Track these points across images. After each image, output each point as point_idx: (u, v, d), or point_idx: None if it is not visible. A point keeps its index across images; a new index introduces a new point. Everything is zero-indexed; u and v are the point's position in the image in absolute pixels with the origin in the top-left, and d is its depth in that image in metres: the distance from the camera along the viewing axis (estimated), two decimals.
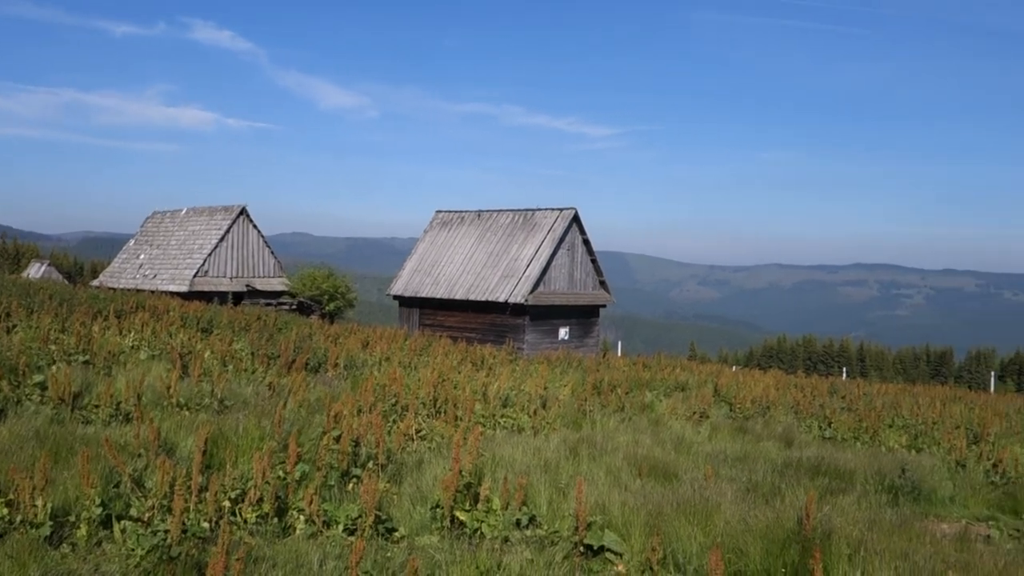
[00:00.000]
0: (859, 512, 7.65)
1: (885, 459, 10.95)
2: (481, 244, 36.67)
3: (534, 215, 36.27)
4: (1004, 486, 9.71)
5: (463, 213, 39.18)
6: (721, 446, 11.58)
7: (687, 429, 12.97)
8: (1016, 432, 15.36)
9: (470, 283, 35.20)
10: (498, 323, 33.89)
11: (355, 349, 18.72)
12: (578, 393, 14.95)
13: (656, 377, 21.46)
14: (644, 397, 16.41)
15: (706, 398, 15.75)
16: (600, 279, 37.07)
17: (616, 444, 10.44)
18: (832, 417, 14.92)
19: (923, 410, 17.68)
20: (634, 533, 6.25)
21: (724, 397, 17.92)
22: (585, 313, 36.51)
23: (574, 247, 35.72)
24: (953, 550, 6.68)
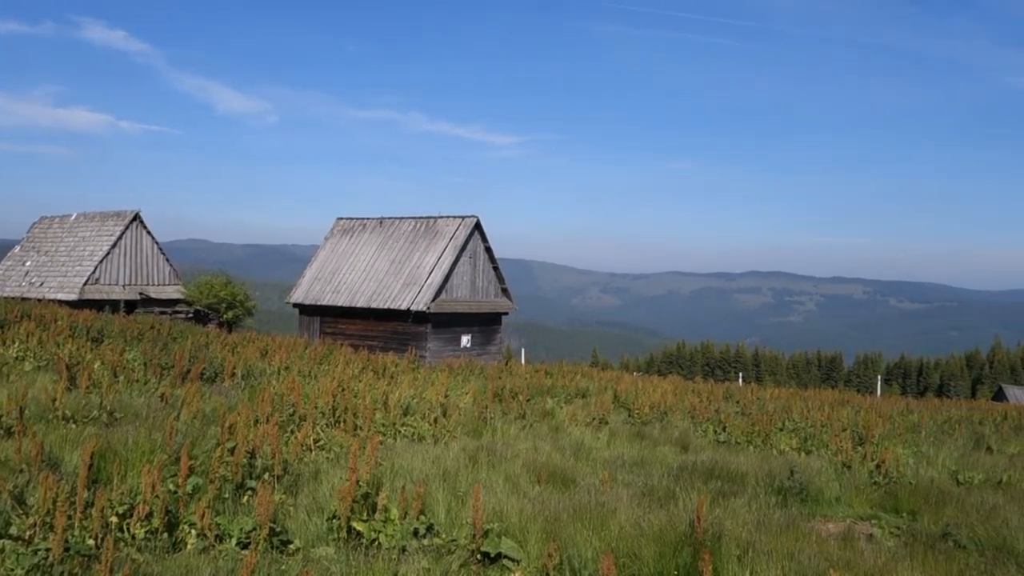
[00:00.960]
0: (749, 514, 7.89)
1: (776, 462, 11.32)
2: (383, 251, 36.40)
3: (436, 223, 36.21)
4: (886, 486, 10.14)
5: (365, 220, 38.80)
6: (619, 451, 11.78)
7: (587, 435, 13.15)
8: (899, 434, 16.08)
9: (372, 291, 34.88)
10: (400, 331, 33.67)
11: (253, 358, 18.30)
12: (479, 401, 14.97)
13: (558, 384, 21.68)
14: (545, 404, 16.56)
15: (606, 404, 16.01)
16: (502, 286, 37.25)
17: (516, 451, 10.49)
18: (727, 421, 15.36)
19: (813, 413, 18.36)
20: (531, 540, 6.29)
21: (623, 403, 18.23)
22: (487, 321, 36.61)
23: (476, 255, 35.80)
24: (837, 549, 6.95)
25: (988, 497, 9.58)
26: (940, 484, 10.33)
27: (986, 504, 8.98)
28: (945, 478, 11.15)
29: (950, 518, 8.33)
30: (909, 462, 12.03)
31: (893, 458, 11.25)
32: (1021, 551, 7.20)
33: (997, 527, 7.76)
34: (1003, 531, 7.61)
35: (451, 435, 11.65)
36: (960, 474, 11.39)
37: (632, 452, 11.76)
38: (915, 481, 10.28)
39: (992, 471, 11.74)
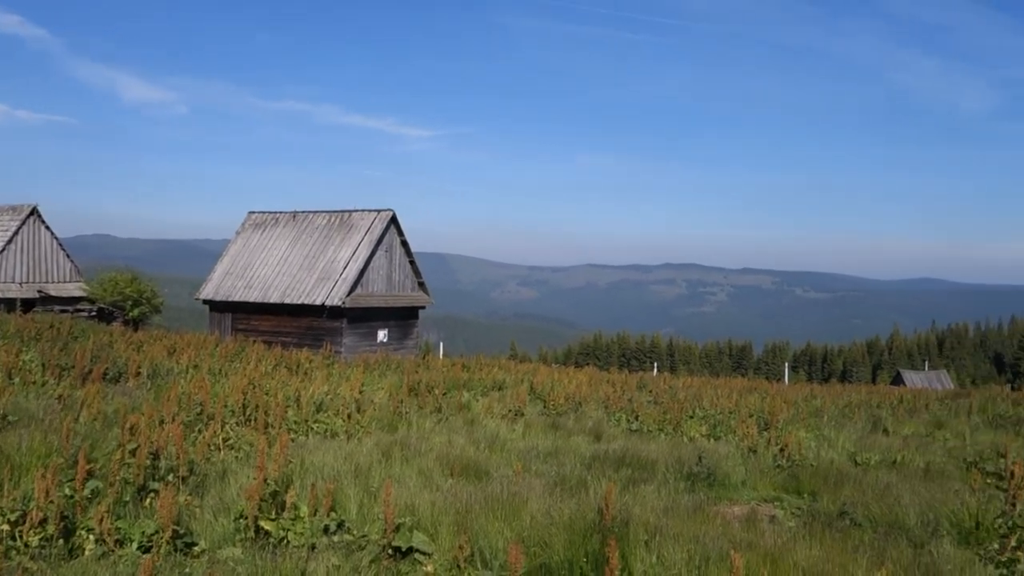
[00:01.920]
0: (658, 500, 8.07)
1: (686, 449, 11.59)
2: (296, 246, 35.82)
3: (351, 216, 35.81)
4: (789, 468, 10.49)
5: (277, 214, 38.11)
6: (534, 442, 11.87)
7: (502, 427, 13.21)
8: (803, 418, 16.61)
9: (285, 286, 34.30)
10: (315, 326, 33.21)
11: (160, 357, 17.81)
12: (395, 396, 14.90)
13: (474, 377, 21.72)
14: (462, 397, 16.57)
15: (522, 396, 16.11)
16: (419, 280, 37.10)
17: (431, 445, 10.48)
18: (639, 411, 15.64)
19: (722, 401, 18.83)
20: (443, 532, 6.31)
21: (539, 395, 18.39)
22: (404, 315, 36.42)
23: (392, 248, 35.55)
24: (741, 531, 7.17)
25: (883, 477, 10.00)
26: (839, 465, 10.74)
27: (881, 483, 9.37)
28: (844, 460, 11.58)
29: (847, 498, 8.67)
30: (811, 445, 12.45)
31: (796, 442, 11.65)
32: (911, 526, 7.55)
33: (890, 505, 8.11)
34: (895, 508, 7.96)
35: (365, 431, 11.57)
36: (858, 455, 11.86)
37: (546, 443, 11.87)
38: (816, 463, 10.67)
39: (887, 452, 12.26)
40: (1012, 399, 24.45)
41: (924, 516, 7.76)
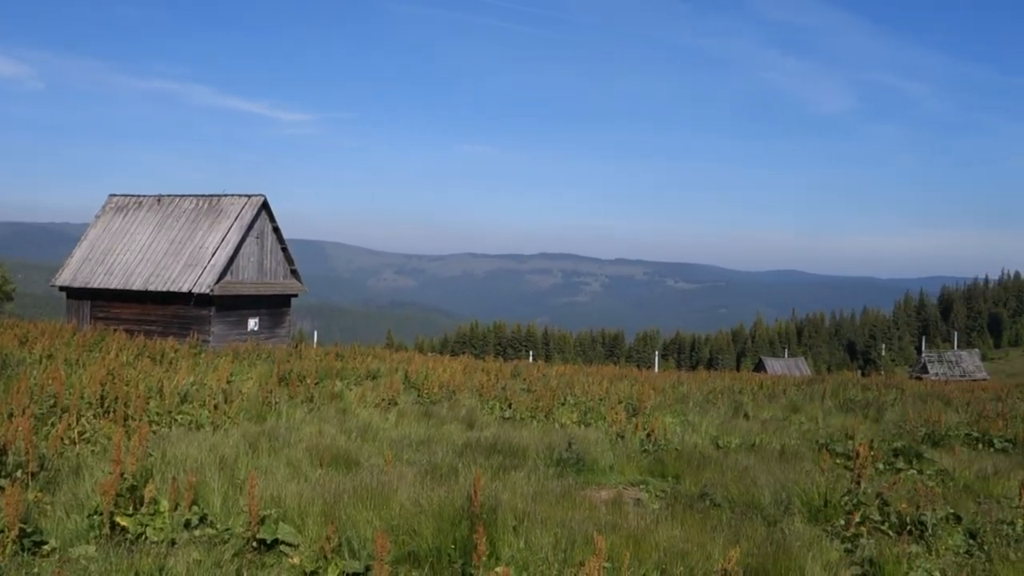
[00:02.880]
0: (528, 485, 8.18)
1: (557, 435, 11.79)
2: (162, 231, 34.39)
3: (220, 201, 34.66)
4: (655, 453, 10.83)
5: (141, 198, 36.47)
6: (407, 431, 11.84)
7: (375, 416, 13.11)
8: (669, 404, 17.20)
9: (150, 272, 32.90)
10: (181, 315, 32.02)
11: (11, 347, 16.80)
12: (264, 385, 14.55)
13: (348, 366, 21.44)
14: (334, 387, 16.34)
15: (396, 385, 16.02)
16: (292, 268, 36.30)
17: (301, 435, 10.30)
18: (512, 398, 15.81)
19: (593, 388, 19.26)
20: (310, 523, 6.22)
21: (414, 383, 18.32)
22: (276, 303, 35.57)
23: (264, 235, 34.64)
24: (607, 514, 7.36)
25: (742, 459, 10.46)
26: (702, 449, 11.17)
27: (740, 465, 9.80)
28: (707, 443, 12.04)
29: (708, 480, 9.02)
30: (677, 430, 12.89)
31: (662, 427, 12.05)
32: (766, 505, 7.93)
33: (747, 486, 8.50)
34: (752, 489, 8.35)
35: (232, 421, 11.25)
36: (720, 439, 12.36)
37: (419, 431, 11.85)
38: (681, 447, 11.05)
39: (747, 435, 12.83)
40: (861, 384, 25.99)
41: (778, 496, 8.16)
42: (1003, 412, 16.25)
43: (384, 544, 4.62)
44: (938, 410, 16.71)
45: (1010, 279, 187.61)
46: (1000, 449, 12.75)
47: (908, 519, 7.37)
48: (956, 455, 11.59)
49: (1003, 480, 9.84)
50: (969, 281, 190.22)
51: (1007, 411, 16.57)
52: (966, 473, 10.19)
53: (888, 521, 7.40)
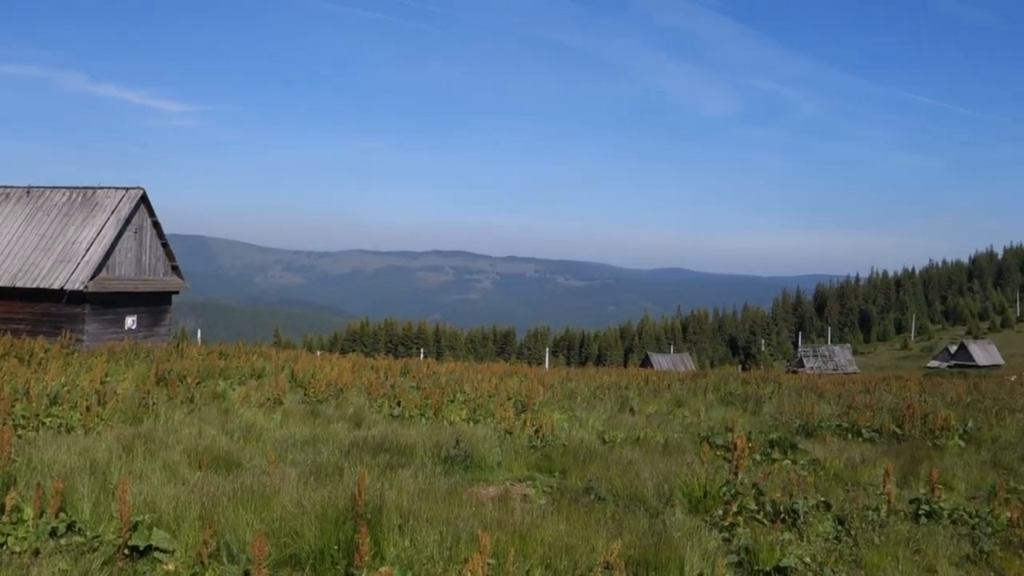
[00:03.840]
0: (415, 484, 8.12)
1: (446, 433, 11.75)
2: (31, 225, 32.63)
3: (95, 194, 33.13)
4: (543, 449, 10.93)
5: (8, 189, 34.50)
6: (292, 431, 11.59)
7: (259, 416, 12.79)
8: (558, 400, 17.39)
9: (17, 268, 31.16)
10: (52, 313, 30.45)
11: None
12: (141, 386, 14.00)
13: (232, 365, 20.86)
14: (217, 386, 15.85)
15: (281, 384, 15.67)
16: (173, 264, 35.05)
17: (180, 437, 9.96)
18: (401, 396, 15.68)
19: (483, 385, 19.29)
20: (186, 528, 6.00)
21: (300, 382, 17.97)
22: (156, 300, 34.28)
23: (143, 230, 33.31)
24: (494, 510, 7.36)
25: (627, 453, 10.68)
26: (589, 444, 11.33)
27: (624, 459, 9.99)
28: (594, 438, 12.24)
29: (594, 474, 9.16)
30: (564, 426, 13.05)
31: (550, 423, 12.17)
32: (649, 498, 8.11)
33: (631, 479, 8.67)
34: (636, 483, 8.52)
35: (106, 424, 10.78)
36: (606, 434, 12.57)
37: (305, 431, 11.62)
38: (568, 443, 11.19)
39: (632, 430, 13.08)
40: (741, 379, 26.92)
41: (661, 488, 8.35)
42: (870, 403, 17.11)
43: (262, 547, 4.50)
44: (812, 402, 17.45)
45: (879, 277, 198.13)
46: (868, 439, 13.40)
47: (782, 507, 7.66)
48: (827, 445, 12.12)
49: (870, 468, 10.35)
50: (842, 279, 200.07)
51: (874, 402, 17.46)
52: (836, 462, 10.66)
53: (763, 510, 7.67)
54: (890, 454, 11.66)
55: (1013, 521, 7.73)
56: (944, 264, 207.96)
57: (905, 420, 13.99)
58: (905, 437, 13.33)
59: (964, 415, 15.54)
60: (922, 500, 8.26)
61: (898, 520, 7.78)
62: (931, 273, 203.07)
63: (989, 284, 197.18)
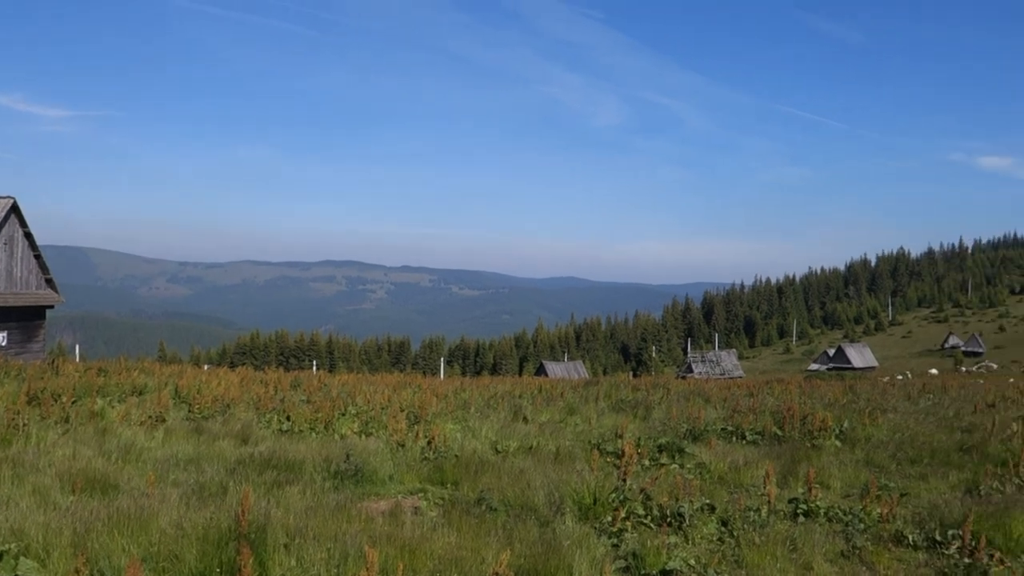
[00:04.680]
0: (303, 500, 7.96)
1: (336, 447, 11.55)
2: None
3: None
4: (435, 460, 10.87)
5: None
6: (175, 449, 11.18)
7: (139, 435, 12.27)
8: (451, 411, 17.34)
9: None
10: None
11: None
12: (11, 406, 13.25)
13: (112, 382, 19.97)
14: (94, 405, 15.15)
15: (164, 401, 15.11)
16: (47, 277, 33.37)
17: (53, 459, 9.47)
18: (291, 410, 15.34)
19: (376, 397, 19.08)
20: (56, 556, 5.71)
21: (184, 398, 17.37)
22: (28, 315, 32.56)
23: (13, 240, 31.61)
24: (384, 524, 7.28)
25: (519, 462, 10.72)
26: (481, 454, 11.33)
27: (517, 469, 10.03)
28: (487, 449, 12.24)
29: (486, 484, 9.16)
30: (457, 437, 13.02)
31: (443, 434, 12.12)
32: (540, 506, 8.16)
33: (523, 488, 8.71)
34: (528, 492, 8.56)
35: None
36: (499, 444, 12.60)
37: (188, 449, 11.22)
38: (461, 454, 11.15)
39: (525, 439, 13.16)
40: (632, 385, 27.49)
41: (552, 496, 8.41)
42: (754, 407, 17.73)
43: (137, 573, 4.31)
44: (699, 407, 17.95)
45: (762, 285, 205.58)
46: (751, 441, 13.87)
47: (668, 511, 7.84)
48: (713, 448, 12.47)
49: (752, 469, 10.71)
50: (728, 287, 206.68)
51: (757, 406, 18.09)
52: (721, 465, 10.98)
53: (651, 514, 7.84)
54: (771, 456, 12.09)
55: (883, 516, 8.13)
56: (822, 271, 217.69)
57: (786, 422, 14.54)
58: (786, 439, 13.85)
59: (840, 416, 16.26)
60: (800, 499, 8.59)
61: (778, 519, 8.07)
62: (810, 280, 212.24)
63: (864, 290, 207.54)
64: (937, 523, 7.93)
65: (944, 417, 18.15)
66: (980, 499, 9.04)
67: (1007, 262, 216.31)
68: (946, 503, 8.74)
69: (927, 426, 16.10)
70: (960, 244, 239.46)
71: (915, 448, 13.09)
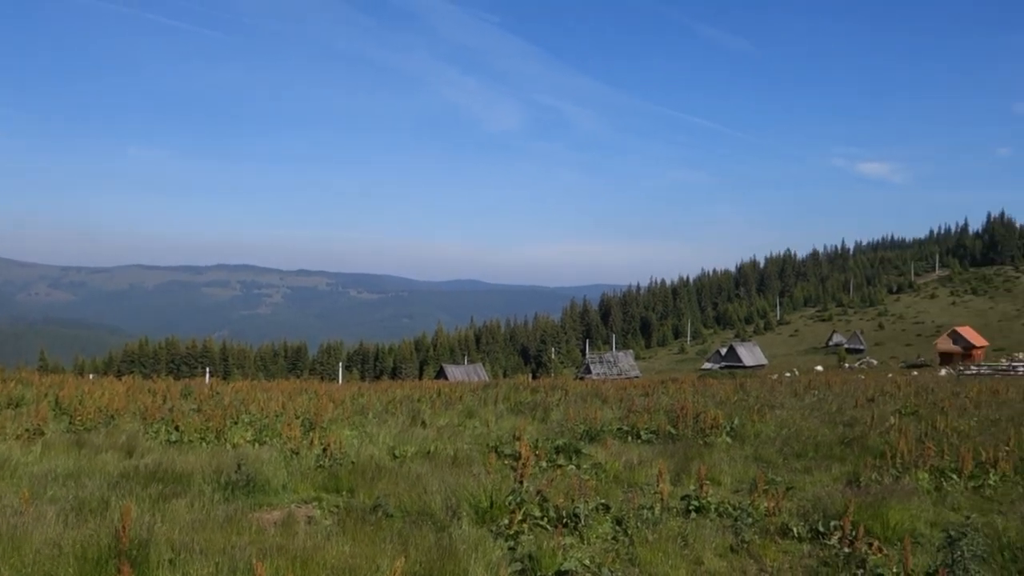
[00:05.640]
0: (191, 513, 7.70)
1: (228, 456, 11.22)
2: None
3: None
4: (331, 468, 10.66)
5: None
6: (54, 464, 10.64)
7: (15, 450, 11.63)
8: (348, 417, 17.08)
9: None
10: None
11: None
12: None
13: None
14: None
15: (43, 413, 14.38)
16: None
17: None
18: (180, 420, 14.83)
19: (270, 404, 18.64)
20: None
21: (66, 410, 16.60)
22: None
23: None
24: (276, 535, 7.11)
25: (417, 467, 10.65)
26: (378, 460, 11.19)
27: (414, 474, 9.96)
28: (384, 454, 12.10)
29: (383, 490, 9.05)
30: (354, 443, 12.82)
31: (339, 441, 11.90)
32: (437, 511, 8.11)
33: (420, 494, 8.64)
34: (424, 497, 8.50)
35: None
36: (397, 449, 12.48)
37: (68, 463, 10.70)
38: (357, 460, 10.99)
39: (424, 443, 13.07)
40: (531, 387, 27.70)
41: (448, 501, 8.37)
42: (649, 406, 18.09)
43: None
44: (596, 408, 18.21)
45: (658, 286, 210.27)
46: (646, 440, 14.14)
47: (565, 512, 7.90)
48: (609, 448, 12.65)
49: (646, 468, 10.92)
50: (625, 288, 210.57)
51: (652, 405, 18.47)
52: (616, 465, 11.15)
53: (547, 516, 7.88)
54: (665, 454, 12.36)
55: (770, 510, 8.40)
56: (715, 273, 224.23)
57: (679, 420, 14.89)
58: (679, 437, 14.18)
59: (731, 413, 16.77)
60: (692, 496, 8.80)
61: (671, 517, 8.24)
62: (703, 281, 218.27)
63: (753, 290, 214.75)
64: (821, 515, 8.24)
65: (828, 412, 18.92)
66: (860, 490, 9.43)
67: (886, 263, 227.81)
68: (829, 495, 9.09)
69: (812, 421, 16.74)
70: (842, 246, 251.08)
71: (801, 443, 13.59)
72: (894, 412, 18.38)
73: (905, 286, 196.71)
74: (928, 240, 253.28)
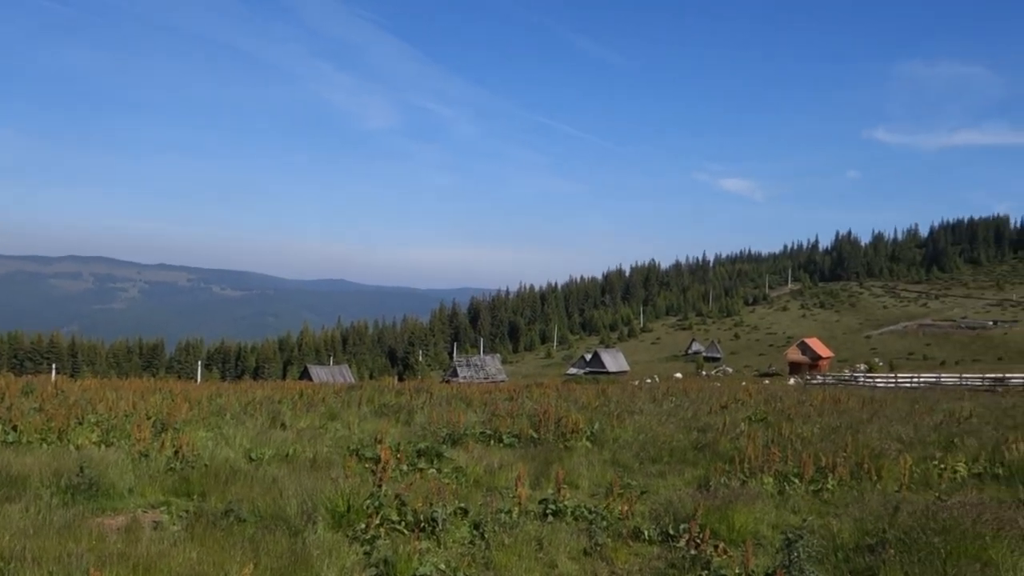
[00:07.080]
0: (25, 520, 7.26)
1: (70, 458, 10.63)
2: None
3: None
4: (182, 471, 10.27)
5: None
6: None
7: None
8: (204, 418, 16.48)
9: None
10: None
11: None
12: None
13: None
14: None
15: None
16: None
17: None
18: (18, 419, 13.94)
19: (121, 404, 17.78)
20: None
21: None
22: None
23: None
24: (119, 542, 6.79)
25: (273, 471, 10.39)
26: (233, 463, 10.85)
27: (270, 477, 9.72)
28: (240, 457, 11.74)
29: (236, 495, 8.79)
30: (209, 445, 12.38)
31: (192, 443, 11.48)
32: (292, 516, 7.94)
33: (275, 498, 8.43)
34: (280, 501, 8.30)
35: None
36: (253, 451, 12.13)
37: None
38: (211, 463, 10.62)
39: (282, 446, 12.76)
40: (397, 389, 27.49)
41: (304, 505, 8.20)
42: (512, 410, 18.27)
43: None
44: (460, 411, 18.23)
45: (527, 291, 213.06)
46: (508, 444, 14.27)
47: (423, 516, 7.88)
48: (471, 452, 12.69)
49: (507, 472, 11.02)
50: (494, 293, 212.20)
51: (516, 409, 18.66)
52: (477, 468, 11.21)
53: (405, 520, 7.84)
54: (527, 458, 12.51)
55: (624, 514, 8.64)
56: (582, 280, 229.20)
57: (541, 425, 15.10)
58: (541, 441, 14.39)
59: (592, 418, 17.14)
60: (550, 500, 8.94)
61: (528, 520, 8.34)
62: (571, 288, 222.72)
63: (619, 298, 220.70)
64: (671, 518, 8.53)
65: (684, 418, 19.59)
66: (710, 494, 9.81)
67: (742, 275, 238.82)
68: (680, 499, 9.41)
69: (668, 427, 17.30)
70: (703, 258, 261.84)
71: (657, 447, 14.03)
72: (745, 419, 19.21)
73: (760, 298, 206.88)
74: (782, 255, 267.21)
